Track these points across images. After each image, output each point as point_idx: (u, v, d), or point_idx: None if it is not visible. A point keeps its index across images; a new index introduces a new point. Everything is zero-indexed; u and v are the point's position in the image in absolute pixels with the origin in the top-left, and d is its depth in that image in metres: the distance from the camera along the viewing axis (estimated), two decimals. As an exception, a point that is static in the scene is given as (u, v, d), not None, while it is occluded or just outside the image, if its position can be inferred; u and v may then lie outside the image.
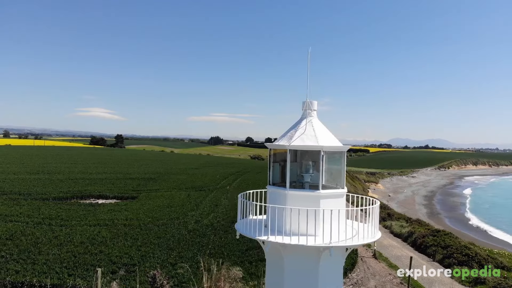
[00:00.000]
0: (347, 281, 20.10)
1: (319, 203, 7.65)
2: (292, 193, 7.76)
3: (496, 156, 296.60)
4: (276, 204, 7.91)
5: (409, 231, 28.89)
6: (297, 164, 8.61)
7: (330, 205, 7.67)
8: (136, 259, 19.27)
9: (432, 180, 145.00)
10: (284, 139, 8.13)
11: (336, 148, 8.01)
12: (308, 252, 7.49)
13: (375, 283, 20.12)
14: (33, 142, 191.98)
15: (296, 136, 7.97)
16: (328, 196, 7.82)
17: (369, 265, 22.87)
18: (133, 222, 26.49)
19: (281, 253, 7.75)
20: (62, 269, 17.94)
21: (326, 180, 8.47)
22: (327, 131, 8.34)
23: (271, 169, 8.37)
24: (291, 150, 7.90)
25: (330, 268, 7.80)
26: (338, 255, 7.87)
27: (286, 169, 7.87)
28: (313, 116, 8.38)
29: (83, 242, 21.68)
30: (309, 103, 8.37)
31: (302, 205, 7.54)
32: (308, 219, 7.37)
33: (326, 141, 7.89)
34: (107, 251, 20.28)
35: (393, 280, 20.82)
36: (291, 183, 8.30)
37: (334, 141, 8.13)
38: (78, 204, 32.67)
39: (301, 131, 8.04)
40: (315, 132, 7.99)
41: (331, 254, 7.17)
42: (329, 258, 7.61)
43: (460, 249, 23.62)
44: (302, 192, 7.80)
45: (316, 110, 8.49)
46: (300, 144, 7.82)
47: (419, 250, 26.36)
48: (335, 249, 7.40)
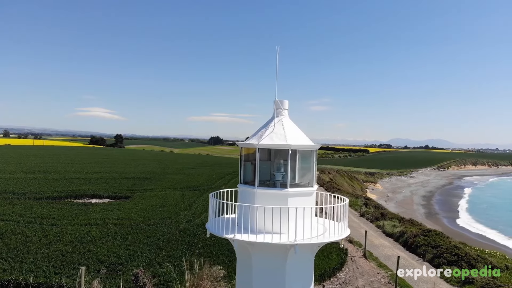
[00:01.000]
0: (335, 280, 20.14)
1: (287, 201, 7.68)
2: (261, 191, 7.79)
3: (495, 156, 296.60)
4: (246, 202, 7.95)
5: (401, 231, 28.92)
6: (270, 163, 8.64)
7: (298, 203, 7.70)
8: (124, 258, 19.31)
9: (431, 180, 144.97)
10: (254, 138, 8.16)
11: (305, 147, 8.04)
12: (275, 250, 7.51)
13: (363, 282, 20.15)
14: (33, 142, 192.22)
15: (265, 135, 8.00)
16: (297, 194, 7.84)
17: (358, 265, 22.91)
18: (124, 222, 26.54)
19: (249, 251, 7.79)
20: (49, 267, 17.98)
21: (297, 178, 8.52)
22: (297, 130, 8.37)
23: (242, 168, 8.40)
24: (260, 148, 7.92)
25: (298, 266, 7.82)
26: (306, 253, 7.89)
27: (255, 168, 7.90)
28: (284, 115, 8.41)
29: (72, 241, 21.74)
30: (280, 103, 8.40)
31: (271, 203, 7.57)
32: (276, 217, 7.40)
33: (294, 140, 7.91)
34: (95, 250, 20.33)
35: (381, 279, 20.85)
36: (264, 181, 8.35)
37: (303, 140, 8.16)
38: (71, 204, 32.74)
39: (270, 130, 8.07)
40: (284, 131, 8.02)
41: (296, 251, 7.19)
42: (297, 256, 7.64)
43: (450, 249, 23.64)
44: (270, 190, 7.83)
45: (287, 109, 8.52)
46: (269, 143, 7.85)
47: (410, 249, 26.38)
48: (302, 247, 7.42)
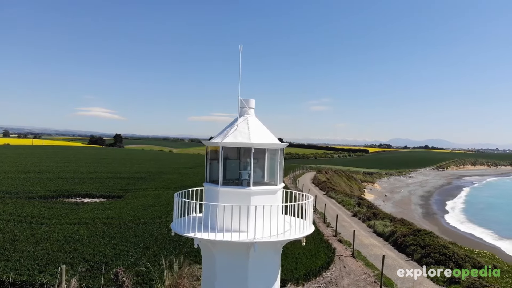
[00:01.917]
0: (321, 279, 20.13)
1: (250, 200, 7.71)
2: (224, 190, 7.83)
3: (495, 156, 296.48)
4: (210, 201, 7.99)
5: (391, 231, 28.92)
6: (239, 161, 8.67)
7: (262, 202, 7.74)
8: (109, 257, 19.33)
9: (430, 180, 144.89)
10: (219, 136, 8.20)
11: (269, 145, 8.07)
12: (237, 248, 7.55)
13: (348, 282, 20.15)
14: (32, 141, 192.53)
15: (230, 133, 8.04)
16: (260, 193, 7.87)
17: (345, 264, 22.92)
18: (113, 221, 26.57)
19: (212, 250, 7.83)
20: (34, 266, 18.01)
21: (266, 177, 8.55)
22: (263, 129, 8.40)
23: (208, 166, 8.43)
24: (229, 147, 7.96)
25: (261, 264, 7.85)
26: (269, 251, 7.92)
27: (219, 166, 7.93)
28: (249, 114, 8.44)
29: (58, 240, 21.78)
30: (246, 102, 8.43)
31: (234, 201, 7.61)
32: (238, 215, 7.45)
33: (258, 138, 7.94)
34: (81, 249, 20.36)
35: (367, 279, 20.84)
36: (234, 180, 8.39)
37: (268, 138, 8.19)
38: (62, 203, 32.79)
39: (235, 129, 8.11)
40: (249, 129, 8.05)
41: (255, 250, 7.22)
42: (259, 254, 7.68)
43: (438, 249, 23.63)
44: (233, 188, 7.87)
45: (253, 108, 8.56)
46: (233, 141, 7.88)
47: (399, 249, 26.36)
48: (262, 245, 7.45)
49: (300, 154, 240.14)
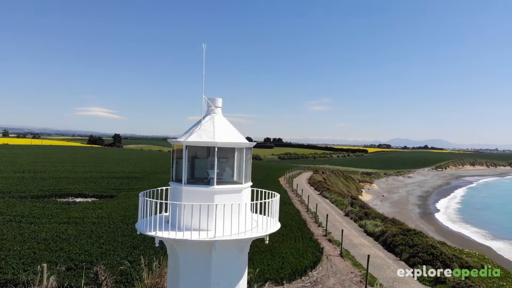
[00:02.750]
0: (306, 279, 20.13)
1: (213, 198, 7.74)
2: (187, 188, 7.85)
3: (494, 156, 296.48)
4: (175, 200, 8.02)
5: (381, 230, 28.94)
6: (207, 160, 8.69)
7: (226, 200, 7.77)
8: (94, 256, 19.35)
9: (428, 181, 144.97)
10: (185, 135, 8.22)
11: (233, 144, 8.10)
12: (199, 247, 7.58)
13: (334, 281, 20.17)
14: (30, 141, 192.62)
15: (194, 132, 8.06)
16: (224, 192, 7.90)
17: (333, 264, 22.93)
18: (103, 221, 26.60)
19: (176, 249, 7.87)
20: (19, 265, 18.05)
21: (235, 176, 8.58)
22: (230, 128, 8.42)
23: (174, 165, 8.44)
24: (190, 146, 7.98)
25: (226, 263, 7.87)
26: (233, 250, 7.94)
27: (183, 165, 7.96)
28: (216, 113, 8.47)
29: (46, 239, 21.80)
30: (213, 101, 8.46)
31: (198, 200, 7.64)
32: (201, 214, 7.48)
33: (223, 137, 7.97)
34: (67, 248, 20.38)
35: (353, 278, 20.85)
36: (202, 179, 8.41)
37: (234, 137, 8.22)
38: (54, 203, 32.81)
39: (200, 128, 8.13)
40: (214, 128, 8.08)
41: (215, 248, 7.26)
42: (222, 253, 7.71)
43: (425, 248, 23.65)
44: (196, 187, 7.90)
45: (220, 107, 8.58)
46: (197, 140, 7.91)
47: (388, 249, 26.37)
48: (224, 243, 7.50)
49: (299, 154, 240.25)
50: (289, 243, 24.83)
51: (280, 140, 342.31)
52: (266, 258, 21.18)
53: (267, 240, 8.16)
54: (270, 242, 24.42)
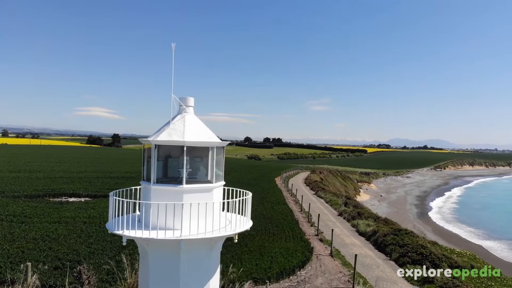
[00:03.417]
0: (294, 278, 20.16)
1: (182, 198, 7.77)
2: (156, 188, 7.88)
3: (493, 156, 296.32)
4: (145, 199, 8.05)
5: (373, 230, 28.97)
6: (180, 159, 8.71)
7: (196, 199, 7.79)
8: (82, 256, 19.40)
9: (427, 181, 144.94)
10: (155, 134, 8.25)
11: (203, 143, 8.11)
12: (168, 245, 7.61)
13: (322, 281, 20.19)
14: (29, 141, 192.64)
15: (164, 131, 8.09)
16: (194, 191, 7.92)
17: (322, 263, 22.96)
18: (94, 220, 26.63)
19: (145, 248, 7.90)
20: (7, 263, 18.09)
21: (209, 175, 8.60)
22: (201, 127, 8.43)
23: (145, 164, 8.47)
24: (157, 145, 8.01)
25: (195, 262, 7.89)
26: (203, 248, 7.96)
27: (153, 164, 7.98)
28: (187, 112, 8.48)
29: (35, 239, 21.84)
30: (184, 100, 8.48)
31: (167, 199, 7.67)
32: (169, 213, 7.50)
33: (193, 136, 7.99)
34: (56, 248, 20.43)
35: (342, 278, 20.88)
36: (175, 178, 8.43)
37: (205, 136, 8.23)
38: (47, 202, 32.84)
39: (170, 127, 8.16)
40: (184, 127, 8.09)
41: (181, 247, 7.29)
42: (192, 251, 7.75)
43: (415, 248, 23.67)
44: (165, 187, 7.92)
45: (192, 107, 8.59)
46: (166, 139, 7.93)
47: (379, 248, 26.40)
48: (193, 242, 7.53)
49: (299, 154, 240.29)
50: (279, 242, 24.86)
51: (279, 140, 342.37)
52: (255, 258, 21.22)
53: (235, 239, 8.17)
54: (260, 241, 24.65)
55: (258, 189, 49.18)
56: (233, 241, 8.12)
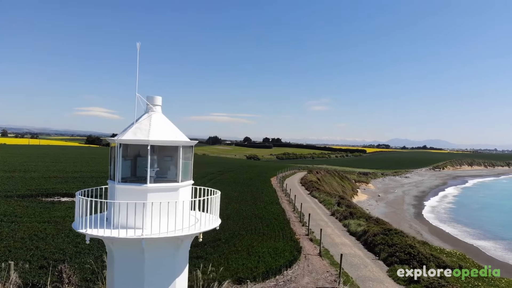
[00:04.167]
0: (281, 278, 20.16)
1: (146, 197, 7.78)
2: (121, 187, 7.89)
3: (493, 156, 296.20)
4: (111, 198, 8.06)
5: (363, 230, 28.99)
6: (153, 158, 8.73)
7: (161, 198, 7.80)
8: (68, 255, 19.44)
9: (425, 181, 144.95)
10: (121, 133, 8.27)
11: (169, 142, 8.12)
12: (132, 245, 7.61)
13: (308, 280, 20.20)
14: (28, 141, 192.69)
15: (130, 130, 8.10)
16: (158, 190, 7.93)
17: (310, 263, 22.97)
18: (84, 220, 26.63)
19: (111, 247, 7.93)
20: (-8, 263, 18.14)
21: (180, 174, 8.61)
22: (168, 126, 8.44)
23: (111, 164, 8.48)
24: (122, 144, 8.02)
25: (160, 261, 7.91)
26: (169, 247, 7.96)
27: (115, 163, 8.00)
28: (155, 111, 8.50)
29: (23, 238, 21.86)
30: (151, 99, 8.50)
31: (132, 198, 7.68)
32: (132, 212, 7.52)
33: (158, 135, 8.00)
34: (43, 247, 20.46)
35: (328, 277, 20.88)
36: (144, 177, 8.44)
37: (171, 135, 8.24)
38: (38, 202, 32.85)
39: (136, 125, 8.17)
40: (150, 126, 8.11)
41: (143, 246, 7.30)
42: (156, 251, 7.77)
43: (403, 248, 23.70)
44: (130, 186, 7.93)
45: (159, 106, 8.61)
46: (131, 138, 7.95)
47: (368, 248, 26.42)
48: (157, 241, 7.54)
49: (298, 154, 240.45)
50: (268, 242, 24.86)
51: (279, 140, 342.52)
52: (242, 258, 21.23)
53: (200, 238, 8.18)
54: (249, 241, 24.66)
55: (252, 189, 49.22)
56: (198, 240, 8.12)
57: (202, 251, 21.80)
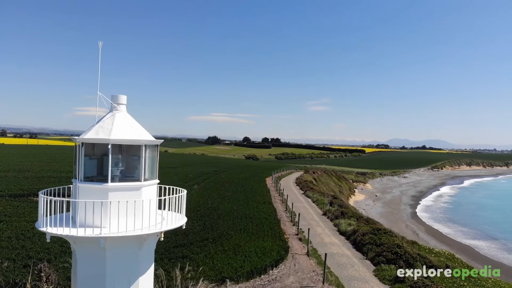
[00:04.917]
0: (265, 277, 20.17)
1: (107, 196, 7.80)
2: (83, 186, 7.92)
3: (492, 156, 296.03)
4: (74, 197, 8.09)
5: (353, 229, 28.98)
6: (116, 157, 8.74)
7: (123, 197, 7.83)
8: (53, 254, 19.48)
9: (423, 181, 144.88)
10: (84, 132, 8.28)
11: (131, 142, 8.16)
12: (92, 243, 7.64)
13: (293, 279, 20.20)
14: (27, 141, 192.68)
15: (92, 129, 8.12)
16: (120, 189, 7.95)
17: (297, 262, 22.97)
18: (72, 219, 26.66)
19: (73, 246, 7.95)
20: (-24, 262, 18.16)
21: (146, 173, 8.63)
22: (132, 125, 8.45)
23: (76, 163, 8.50)
24: (84, 143, 8.04)
25: (123, 259, 7.93)
26: (131, 246, 7.99)
27: (79, 162, 8.02)
28: (118, 110, 8.52)
29: (9, 237, 21.90)
30: (115, 98, 8.52)
31: (93, 197, 7.71)
32: (96, 211, 7.54)
33: (120, 134, 8.02)
34: (28, 246, 20.51)
35: (314, 277, 20.87)
36: (112, 177, 8.46)
37: (134, 134, 8.26)
38: (29, 201, 32.83)
39: (99, 125, 8.20)
40: (112, 125, 8.13)
41: (101, 245, 7.32)
42: (118, 249, 7.79)
43: (391, 248, 23.69)
44: (92, 185, 7.95)
45: (124, 105, 8.63)
46: (92, 137, 7.98)
47: (356, 248, 26.39)
48: (117, 240, 7.57)
49: (297, 154, 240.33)
50: (256, 242, 24.86)
51: (278, 140, 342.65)
52: (228, 257, 21.24)
53: (161, 238, 8.20)
54: (237, 241, 24.65)
55: (246, 188, 49.21)
56: (160, 239, 8.13)
57: (188, 251, 21.83)
